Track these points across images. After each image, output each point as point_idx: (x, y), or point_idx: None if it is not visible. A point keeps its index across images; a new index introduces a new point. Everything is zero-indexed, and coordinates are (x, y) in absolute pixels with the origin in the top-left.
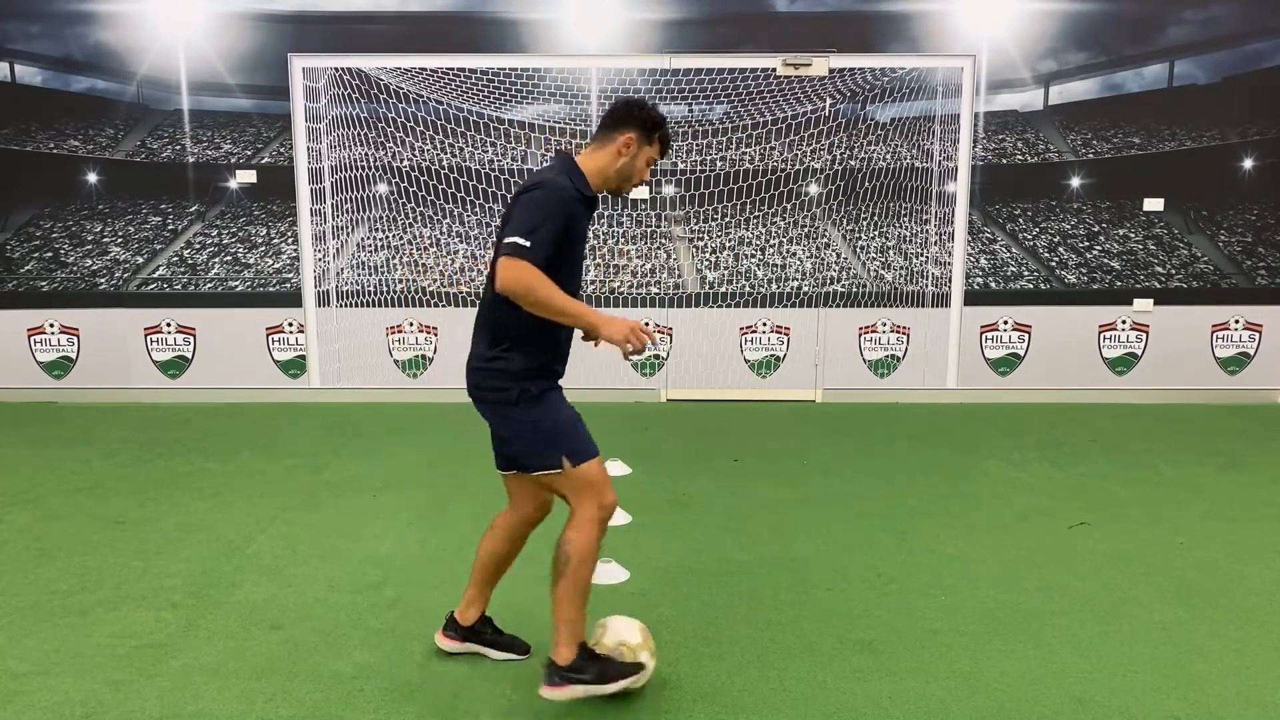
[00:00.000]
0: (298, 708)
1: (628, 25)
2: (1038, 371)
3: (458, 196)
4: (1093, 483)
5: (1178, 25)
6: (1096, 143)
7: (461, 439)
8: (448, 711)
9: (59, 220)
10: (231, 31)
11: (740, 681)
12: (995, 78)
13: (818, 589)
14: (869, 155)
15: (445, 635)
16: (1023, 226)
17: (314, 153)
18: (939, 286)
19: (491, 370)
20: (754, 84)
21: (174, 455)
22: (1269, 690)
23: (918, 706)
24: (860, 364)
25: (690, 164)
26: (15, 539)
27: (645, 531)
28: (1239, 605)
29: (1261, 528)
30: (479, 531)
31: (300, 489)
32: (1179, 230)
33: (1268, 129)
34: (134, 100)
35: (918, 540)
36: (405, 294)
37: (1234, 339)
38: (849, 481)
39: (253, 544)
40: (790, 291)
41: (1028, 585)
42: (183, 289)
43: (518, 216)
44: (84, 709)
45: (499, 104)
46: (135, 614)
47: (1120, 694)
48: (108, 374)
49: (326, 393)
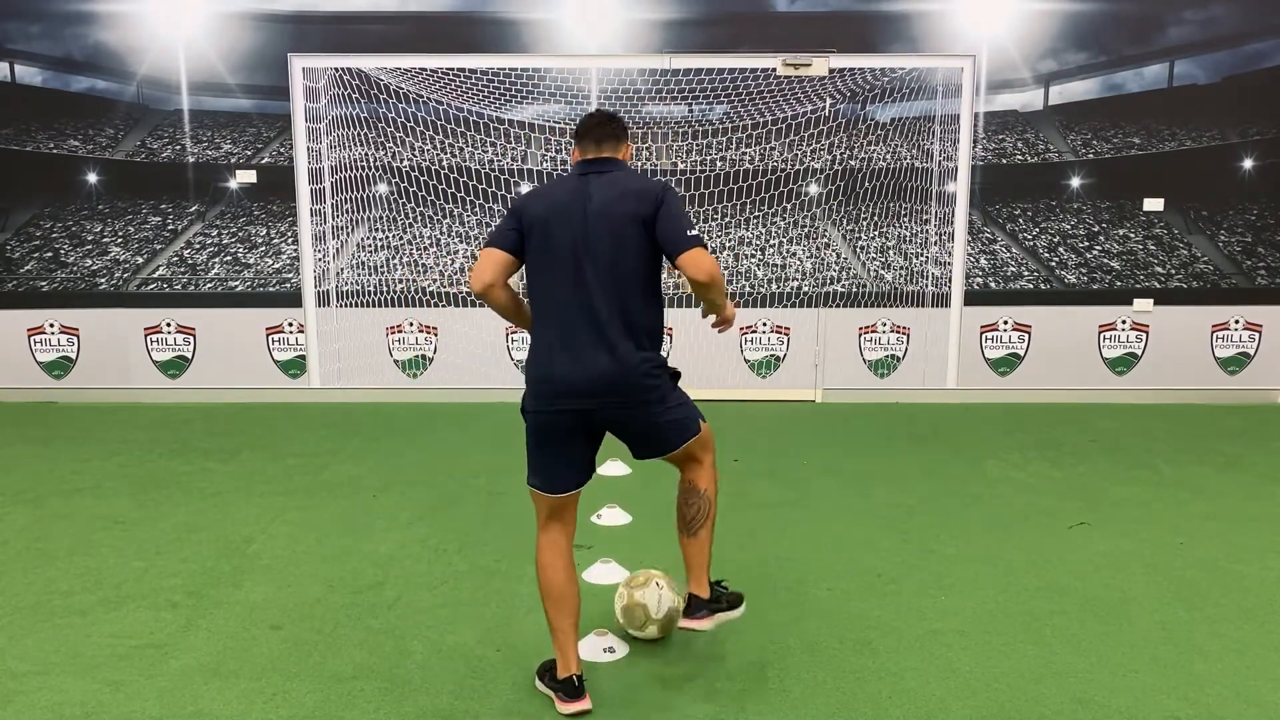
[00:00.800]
0: (298, 708)
1: (628, 25)
2: (1038, 371)
3: (458, 196)
4: (1093, 483)
5: (1178, 25)
6: (1096, 143)
7: (461, 439)
8: (448, 711)
9: (59, 220)
10: (231, 31)
11: (740, 681)
12: (995, 78)
13: (818, 589)
14: (869, 155)
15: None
16: (1023, 226)
17: (314, 153)
18: (939, 286)
19: (650, 370)
20: (754, 84)
21: (174, 455)
22: (1269, 690)
23: (918, 706)
24: (860, 364)
25: (690, 164)
26: (15, 539)
27: (645, 531)
28: (1239, 605)
29: (1261, 528)
30: (479, 531)
31: (300, 489)
32: (1179, 230)
33: (1268, 129)
34: (134, 100)
35: (918, 540)
36: (405, 294)
37: (1234, 339)
38: (849, 481)
39: (253, 544)
40: (790, 291)
41: (1028, 585)
42: (183, 289)
43: (680, 214)
44: (84, 709)
45: (499, 104)
46: (135, 614)
47: (1120, 694)
48: (108, 374)
49: (326, 393)
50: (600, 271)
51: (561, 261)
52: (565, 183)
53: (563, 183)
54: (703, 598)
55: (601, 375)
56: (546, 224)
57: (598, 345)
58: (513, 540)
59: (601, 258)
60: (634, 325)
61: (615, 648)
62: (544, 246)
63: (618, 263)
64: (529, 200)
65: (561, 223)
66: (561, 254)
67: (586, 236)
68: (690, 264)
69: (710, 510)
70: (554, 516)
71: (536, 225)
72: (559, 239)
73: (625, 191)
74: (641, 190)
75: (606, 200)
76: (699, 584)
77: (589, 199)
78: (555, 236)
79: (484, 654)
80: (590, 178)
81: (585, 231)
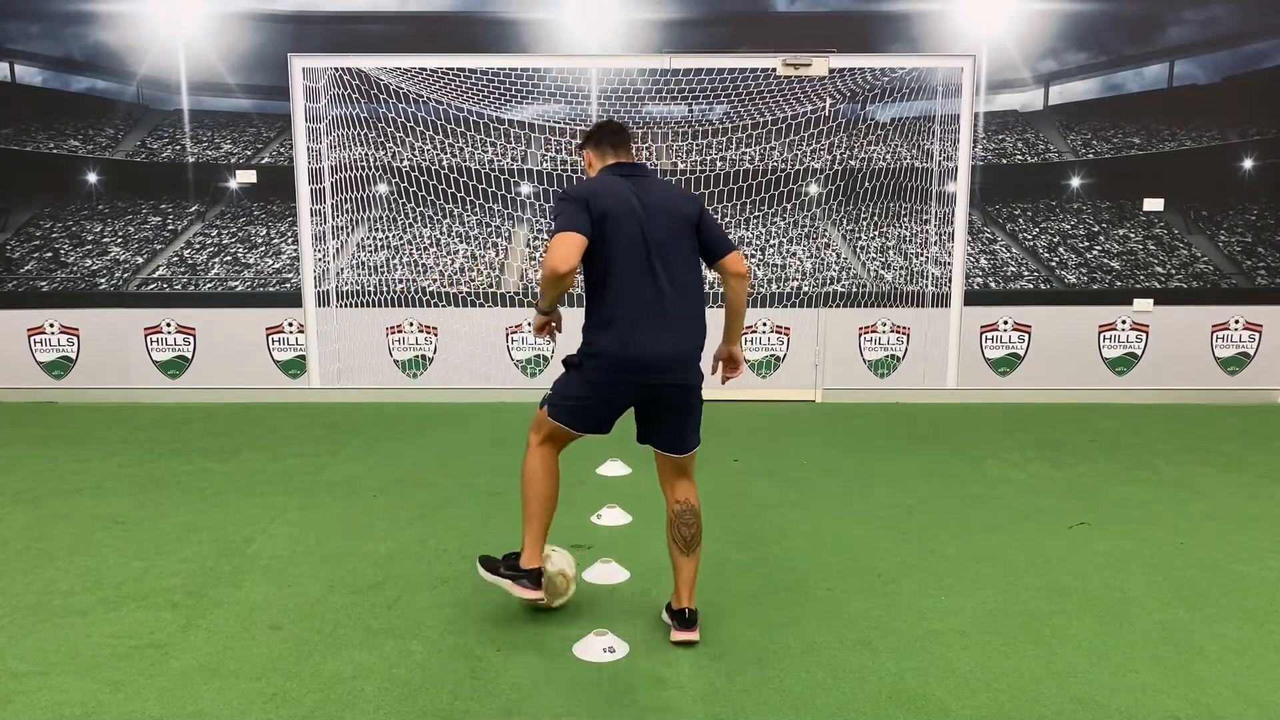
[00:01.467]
0: (298, 708)
1: (628, 25)
2: (1038, 371)
3: (458, 196)
4: (1093, 483)
5: (1178, 25)
6: (1096, 143)
7: (461, 439)
8: (448, 711)
9: (59, 220)
10: (231, 31)
11: (740, 681)
12: (995, 78)
13: (818, 589)
14: (869, 155)
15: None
16: (1023, 226)
17: (314, 153)
18: (939, 286)
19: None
20: (754, 84)
21: (174, 455)
22: (1269, 690)
23: (918, 706)
24: (860, 364)
25: (690, 164)
26: (15, 539)
27: (645, 531)
28: (1239, 605)
29: (1261, 528)
30: (479, 531)
31: (300, 489)
32: (1179, 230)
33: (1268, 129)
34: (134, 100)
35: (918, 540)
36: (405, 294)
37: (1234, 339)
38: (849, 481)
39: (253, 544)
40: (790, 291)
41: (1028, 585)
42: (183, 289)
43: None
44: (84, 709)
45: (499, 104)
46: (135, 614)
47: (1120, 694)
48: (108, 374)
49: (326, 393)
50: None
51: (631, 250)
52: (614, 182)
53: (612, 182)
54: (694, 609)
55: (667, 355)
56: (618, 217)
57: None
58: (513, 540)
59: (666, 248)
60: (699, 314)
61: (615, 648)
62: (614, 237)
63: (680, 253)
64: (590, 194)
65: (629, 215)
66: (631, 243)
67: (651, 228)
68: (742, 268)
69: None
70: (557, 442)
71: (609, 216)
72: (627, 229)
73: (675, 193)
74: (685, 195)
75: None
76: (690, 598)
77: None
78: (624, 227)
79: (484, 654)
80: (636, 179)
81: (649, 223)
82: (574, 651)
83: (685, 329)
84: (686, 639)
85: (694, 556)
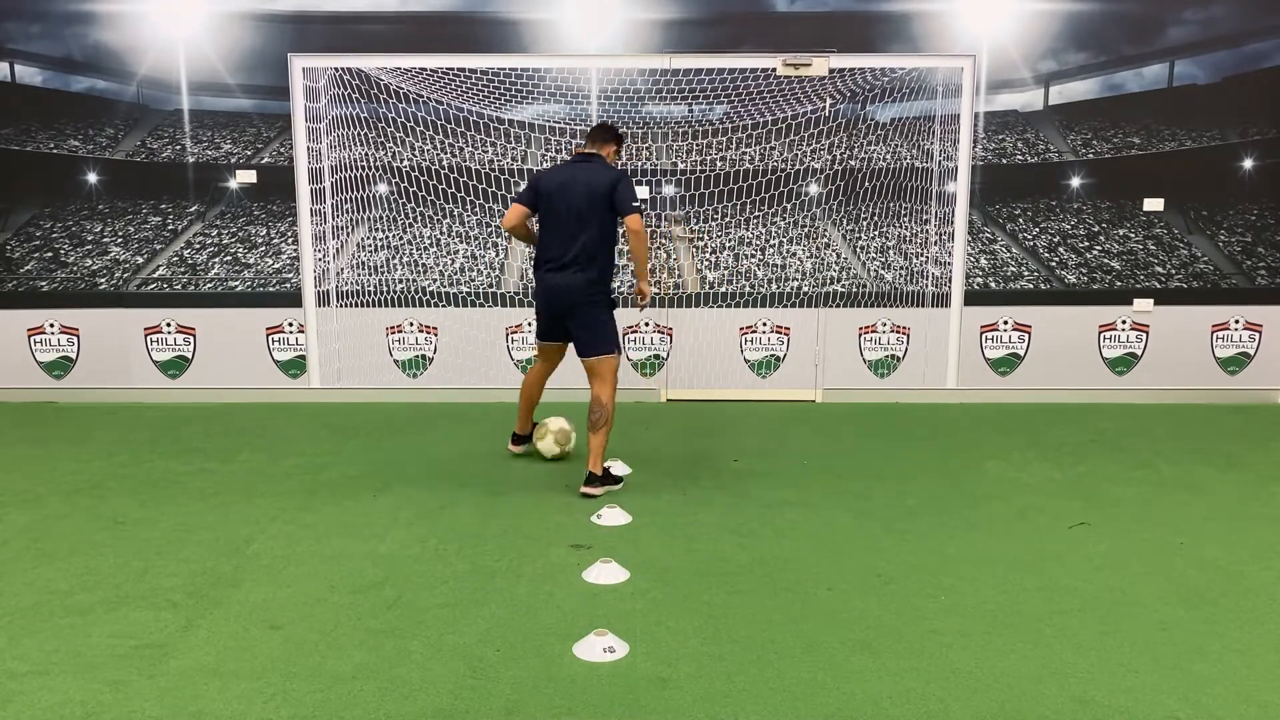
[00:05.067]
0: (298, 708)
1: (628, 25)
2: (1038, 371)
3: (458, 196)
4: (1093, 483)
5: (1178, 25)
6: (1096, 143)
7: (461, 439)
8: (448, 711)
9: (59, 220)
10: (231, 31)
11: (740, 681)
12: (995, 78)
13: (818, 589)
14: (869, 155)
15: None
16: (1023, 226)
17: (314, 153)
18: (939, 286)
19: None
20: (754, 84)
21: (174, 455)
22: (1269, 690)
23: (918, 706)
24: (860, 364)
25: (690, 164)
26: (15, 539)
27: (645, 531)
28: (1239, 605)
29: (1261, 528)
30: (479, 531)
31: (300, 489)
32: (1179, 230)
33: (1268, 129)
34: (134, 100)
35: (918, 540)
36: (405, 294)
37: (1234, 339)
38: (849, 481)
39: (253, 544)
40: (790, 291)
41: (1028, 585)
42: (183, 289)
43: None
44: (84, 709)
45: (499, 104)
46: (135, 614)
47: (1120, 694)
48: (108, 374)
49: (326, 393)
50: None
51: (562, 217)
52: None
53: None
54: (596, 474)
55: (567, 286)
56: (550, 195)
57: (567, 269)
58: (513, 540)
59: (585, 216)
60: (595, 255)
61: (615, 648)
62: (549, 207)
63: (592, 220)
64: (542, 177)
65: (561, 194)
66: (561, 213)
67: (575, 200)
68: (632, 221)
69: (607, 417)
70: (544, 357)
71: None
72: (558, 203)
73: (598, 173)
74: (607, 174)
75: (588, 180)
76: (595, 464)
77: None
78: (556, 202)
79: (484, 654)
80: (580, 165)
81: (575, 197)
82: (574, 651)
83: (580, 268)
84: (588, 493)
85: (599, 434)
